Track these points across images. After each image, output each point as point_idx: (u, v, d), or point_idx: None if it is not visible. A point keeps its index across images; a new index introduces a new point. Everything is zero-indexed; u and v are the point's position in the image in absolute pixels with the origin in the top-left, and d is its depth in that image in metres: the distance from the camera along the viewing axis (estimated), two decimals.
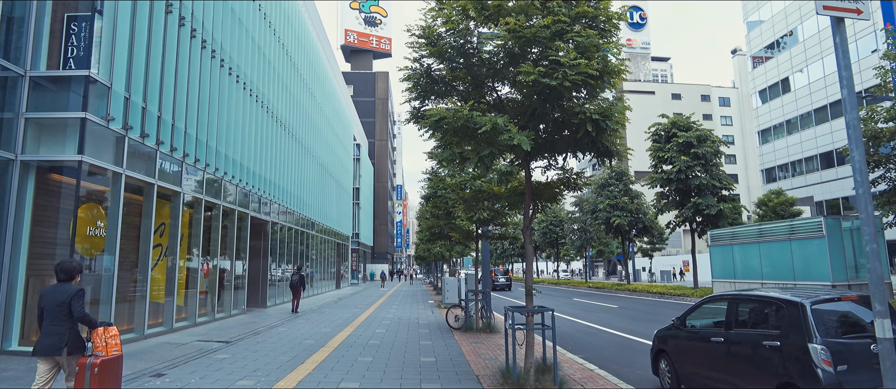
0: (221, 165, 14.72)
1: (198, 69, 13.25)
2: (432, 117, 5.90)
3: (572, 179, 7.98)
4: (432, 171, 13.71)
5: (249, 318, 15.55)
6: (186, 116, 12.65)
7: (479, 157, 5.92)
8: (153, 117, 11.11)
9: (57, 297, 4.85)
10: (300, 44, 24.59)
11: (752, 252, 19.06)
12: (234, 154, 15.72)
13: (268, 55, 19.08)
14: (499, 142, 5.74)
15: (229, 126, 15.32)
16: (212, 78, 14.12)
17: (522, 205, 8.50)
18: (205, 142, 13.57)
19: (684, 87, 78.36)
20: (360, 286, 43.93)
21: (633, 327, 13.71)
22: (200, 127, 13.37)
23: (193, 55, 12.99)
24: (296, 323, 14.61)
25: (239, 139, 16.07)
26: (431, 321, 15.03)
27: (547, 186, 7.86)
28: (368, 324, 14.10)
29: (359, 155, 49.79)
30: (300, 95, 24.52)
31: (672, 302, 22.39)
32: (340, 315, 17.16)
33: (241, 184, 16.29)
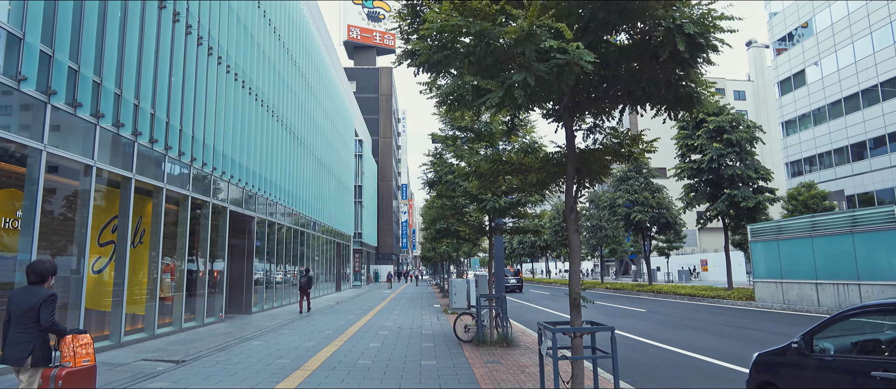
0: (189, 149, 12.57)
1: (138, 13, 11.11)
2: (432, 25, 3.67)
3: (625, 145, 5.75)
4: (436, 153, 11.46)
5: (226, 328, 13.38)
6: (139, 86, 10.50)
7: (506, 89, 3.70)
8: (88, 82, 8.95)
9: (26, 302, 4.47)
10: (290, 21, 22.45)
11: (803, 248, 16.68)
12: (209, 139, 13.57)
13: (251, 29, 16.93)
14: (538, 62, 3.53)
15: (202, 105, 13.17)
16: (174, 43, 11.98)
17: (552, 185, 6.26)
18: (163, 121, 11.41)
19: None
20: (363, 288, 41.76)
21: (678, 337, 11.41)
22: (159, 101, 11.22)
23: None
24: (278, 333, 12.42)
25: (216, 122, 13.92)
26: (437, 330, 12.80)
27: (594, 154, 5.63)
28: (362, 335, 11.88)
29: (361, 152, 47.66)
30: (293, 81, 22.38)
31: (707, 304, 20.04)
32: (332, 323, 14.97)
33: (215, 174, 14.13)
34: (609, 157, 5.80)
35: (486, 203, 9.40)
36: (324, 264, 30.36)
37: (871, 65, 36.19)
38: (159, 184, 11.40)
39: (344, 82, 43.25)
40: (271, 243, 19.98)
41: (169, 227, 12.31)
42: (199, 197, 13.27)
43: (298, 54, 23.49)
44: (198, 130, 13.00)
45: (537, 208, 19.08)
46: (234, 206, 15.62)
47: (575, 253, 5.02)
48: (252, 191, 17.25)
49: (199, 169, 13.24)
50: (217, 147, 14.15)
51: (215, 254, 14.76)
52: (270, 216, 19.53)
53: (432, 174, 11.30)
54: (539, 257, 57.71)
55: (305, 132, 24.88)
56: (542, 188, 6.25)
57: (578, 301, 4.86)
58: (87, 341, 4.82)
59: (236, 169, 15.55)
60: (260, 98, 17.76)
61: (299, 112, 23.63)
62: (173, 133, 11.82)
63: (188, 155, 12.50)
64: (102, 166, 9.45)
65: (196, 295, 13.55)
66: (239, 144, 15.75)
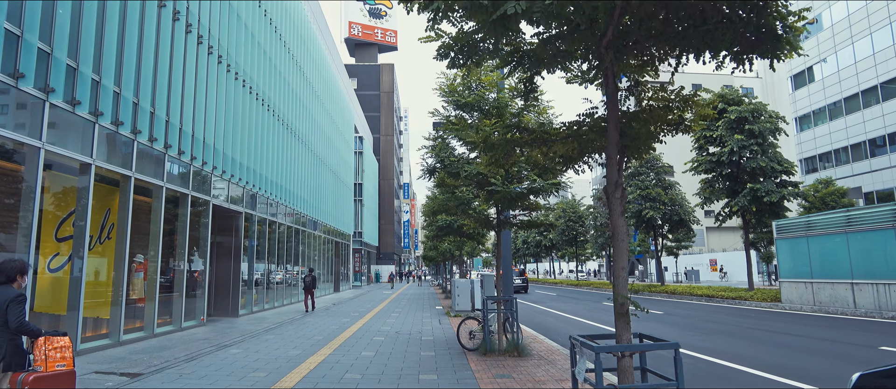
0: (163, 135, 11.34)
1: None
2: None
3: (675, 109, 4.51)
4: (437, 136, 10.15)
5: (205, 333, 12.14)
6: (100, 61, 9.26)
7: None
8: (32, 49, 7.72)
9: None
10: (286, 12, 21.22)
11: (837, 245, 15.35)
12: (188, 124, 12.35)
13: (237, 8, 15.70)
14: None
15: (180, 85, 11.94)
16: (146, 16, 10.75)
17: (584, 158, 5.00)
18: (130, 101, 10.17)
19: (705, 77, 74.12)
20: (364, 288, 40.52)
21: (711, 345, 10.11)
22: (126, 79, 9.98)
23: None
24: (262, 339, 11.18)
25: (195, 104, 12.70)
26: (438, 336, 11.53)
27: (639, 117, 4.37)
28: (355, 342, 10.63)
29: (361, 149, 46.44)
30: (287, 71, 21.15)
31: (728, 306, 18.71)
32: (325, 327, 13.73)
33: (196, 164, 12.90)
34: (656, 126, 4.53)
35: (495, 189, 8.12)
36: (322, 264, 29.14)
37: (891, 57, 34.77)
38: (126, 173, 10.16)
39: (344, 78, 42.04)
40: (263, 241, 18.75)
41: (141, 222, 11.08)
42: (176, 190, 12.03)
43: (291, 40, 22.27)
44: (174, 113, 11.77)
45: (550, 198, 17.88)
46: (218, 201, 14.38)
47: (621, 245, 3.76)
48: (239, 185, 16.02)
49: (177, 157, 12.01)
50: (198, 134, 12.91)
51: (196, 252, 13.53)
52: (261, 212, 18.29)
53: (432, 159, 9.98)
54: (544, 257, 56.40)
55: (301, 125, 23.66)
56: (568, 164, 4.97)
57: (627, 308, 3.59)
58: (62, 344, 4.54)
59: (220, 159, 14.32)
60: (249, 85, 16.52)
61: (294, 103, 22.41)
62: (143, 114, 10.58)
63: (162, 141, 11.27)
64: (54, 149, 8.21)
65: (173, 297, 12.31)
66: (224, 133, 14.52)
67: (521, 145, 4.63)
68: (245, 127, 16.18)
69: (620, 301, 3.62)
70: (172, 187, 11.83)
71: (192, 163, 12.70)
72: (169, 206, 12.04)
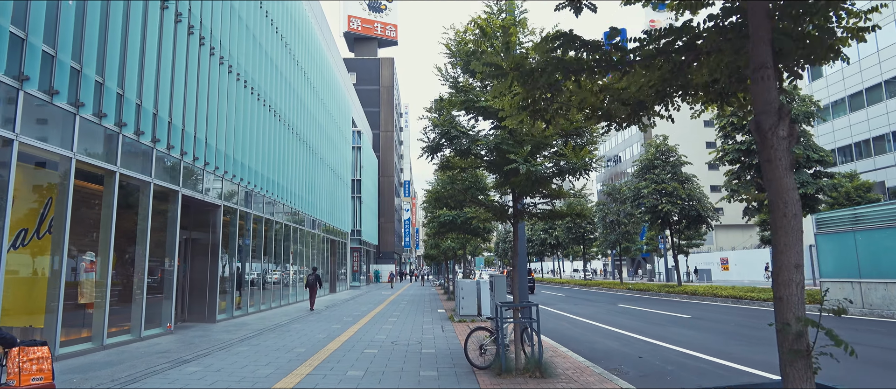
0: (115, 110, 9.60)
1: None
2: None
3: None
4: (438, 100, 8.34)
5: (169, 343, 10.41)
6: (27, 15, 7.53)
7: None
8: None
9: None
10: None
11: (891, 240, 13.58)
12: (149, 101, 10.63)
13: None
14: None
15: (137, 52, 10.21)
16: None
17: (666, 99, 3.25)
18: (77, 71, 8.44)
19: None
20: (362, 289, 38.80)
21: (762, 356, 8.36)
22: (61, 42, 8.24)
23: None
24: (233, 352, 9.45)
25: (160, 75, 10.97)
26: (441, 348, 9.80)
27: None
28: (342, 356, 8.90)
29: (360, 143, 44.70)
30: (276, 54, 19.43)
31: (758, 308, 16.95)
32: (311, 335, 12.02)
33: (160, 147, 11.17)
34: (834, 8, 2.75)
35: (516, 166, 6.39)
36: (318, 263, 27.45)
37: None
38: (67, 154, 8.43)
39: (342, 71, 40.32)
40: (247, 238, 17.03)
41: (89, 214, 9.35)
42: (133, 176, 10.30)
43: (283, 25, 20.54)
44: (131, 87, 10.03)
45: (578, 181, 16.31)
46: (189, 191, 12.65)
47: (788, 225, 2.01)
48: (219, 175, 14.30)
49: (135, 139, 10.28)
50: (163, 113, 11.19)
51: (160, 251, 11.80)
52: (245, 206, 16.57)
53: (435, 133, 8.16)
54: (548, 256, 54.67)
55: (293, 116, 21.95)
56: (637, 114, 3.23)
57: (806, 342, 1.83)
58: (40, 355, 4.32)
59: (192, 143, 12.60)
60: (227, 63, 14.80)
61: (286, 92, 20.69)
62: (88, 83, 8.84)
63: (113, 117, 9.54)
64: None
65: (133, 301, 10.59)
66: (198, 112, 12.79)
67: (575, 71, 2.90)
68: (226, 109, 14.46)
69: (794, 329, 1.89)
70: (128, 173, 10.10)
71: (155, 146, 10.97)
72: (128, 196, 10.31)
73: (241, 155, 15.92)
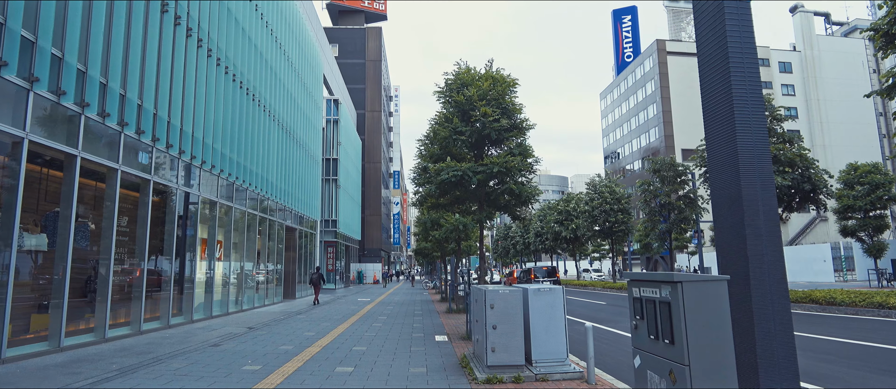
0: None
1: None
2: None
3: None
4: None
5: None
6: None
7: None
8: None
9: None
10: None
11: None
12: None
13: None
14: None
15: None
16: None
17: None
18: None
19: None
20: (338, 292, 30.86)
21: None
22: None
23: None
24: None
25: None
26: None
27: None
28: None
29: (337, 116, 36.82)
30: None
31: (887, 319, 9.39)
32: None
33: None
34: None
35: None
36: (264, 257, 19.57)
37: None
38: None
39: (313, 19, 32.39)
40: (99, 211, 9.18)
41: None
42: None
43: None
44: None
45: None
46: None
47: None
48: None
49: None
50: None
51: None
52: (126, 165, 8.71)
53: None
54: (561, 252, 47.05)
55: (234, 54, 14.13)
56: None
57: None
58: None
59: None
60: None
61: (224, 21, 12.84)
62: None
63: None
64: None
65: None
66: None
67: None
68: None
69: None
70: None
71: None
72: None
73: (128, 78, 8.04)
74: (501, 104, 10.78)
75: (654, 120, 63.45)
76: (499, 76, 11.29)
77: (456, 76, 11.46)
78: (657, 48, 62.66)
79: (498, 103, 10.75)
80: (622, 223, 31.57)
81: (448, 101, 11.48)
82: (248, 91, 17.01)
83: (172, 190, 12.38)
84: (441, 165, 10.57)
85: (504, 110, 10.76)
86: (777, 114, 18.35)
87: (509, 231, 60.44)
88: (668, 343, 3.38)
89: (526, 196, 10.99)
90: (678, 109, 61.45)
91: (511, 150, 10.77)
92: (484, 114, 10.52)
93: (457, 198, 12.46)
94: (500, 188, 11.14)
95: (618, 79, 74.18)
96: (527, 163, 10.80)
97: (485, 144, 11.56)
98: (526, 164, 10.81)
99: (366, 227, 54.03)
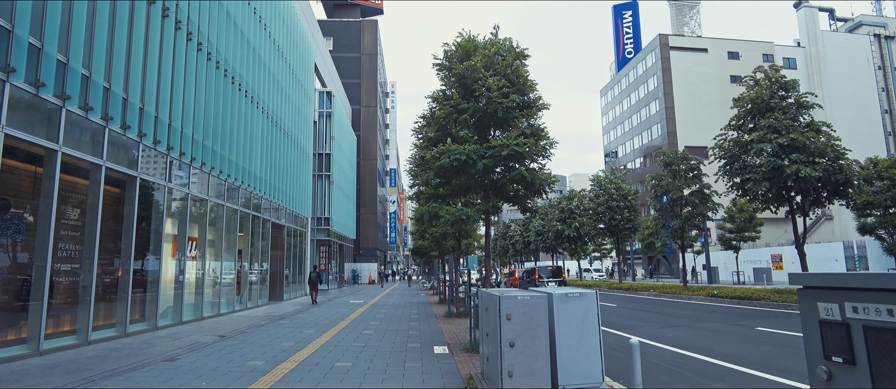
0: None
1: None
2: None
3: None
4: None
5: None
6: None
7: None
8: None
9: None
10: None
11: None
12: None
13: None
14: None
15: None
16: None
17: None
18: None
19: (743, 45, 63.71)
20: (331, 293, 29.27)
21: None
22: None
23: None
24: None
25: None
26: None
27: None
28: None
29: (330, 109, 35.22)
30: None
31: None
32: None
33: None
34: None
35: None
36: (249, 256, 18.00)
37: None
38: None
39: (306, 10, 30.78)
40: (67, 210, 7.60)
41: None
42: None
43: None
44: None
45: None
46: None
47: None
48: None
49: None
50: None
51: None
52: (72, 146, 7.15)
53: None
54: (562, 252, 45.56)
55: (209, 30, 12.55)
56: None
57: None
58: None
59: None
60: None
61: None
62: None
63: None
64: None
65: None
66: None
67: None
68: None
69: None
70: None
71: None
72: None
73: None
74: (510, 76, 9.23)
75: (656, 116, 62.03)
76: (506, 44, 9.75)
77: (458, 46, 9.92)
78: (660, 43, 61.21)
79: (506, 75, 9.20)
80: (629, 220, 30.07)
81: (448, 76, 9.94)
82: (227, 72, 15.43)
83: (133, 178, 10.80)
84: (441, 148, 9.02)
85: (513, 83, 9.21)
86: (803, 100, 16.87)
87: (508, 229, 58.89)
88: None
89: (539, 184, 9.45)
90: (681, 105, 59.99)
91: (523, 131, 9.22)
92: (490, 88, 8.96)
93: (458, 189, 10.90)
94: (508, 176, 9.58)
95: (619, 75, 72.72)
96: (541, 147, 9.25)
97: (490, 126, 10.01)
98: (540, 148, 9.25)
99: (361, 226, 52.45)
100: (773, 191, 16.17)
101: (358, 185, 51.78)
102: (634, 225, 30.60)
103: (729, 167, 17.67)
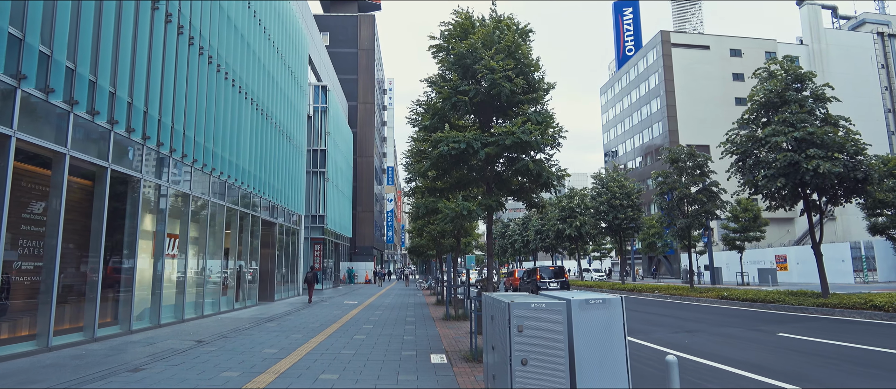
0: None
1: None
2: None
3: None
4: None
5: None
6: None
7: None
8: None
9: None
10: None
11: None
12: None
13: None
14: None
15: None
16: None
17: None
18: None
19: (745, 42, 62.91)
20: (326, 292, 28.38)
21: None
22: None
23: None
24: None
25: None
26: None
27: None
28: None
29: (325, 104, 34.31)
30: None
31: None
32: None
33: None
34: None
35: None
36: (236, 255, 17.11)
37: None
38: None
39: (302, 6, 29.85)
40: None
41: None
42: None
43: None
44: None
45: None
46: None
47: None
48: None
49: None
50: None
51: None
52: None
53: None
54: (561, 252, 44.74)
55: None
56: None
57: None
58: None
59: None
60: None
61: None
62: None
63: None
64: None
65: None
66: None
67: None
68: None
69: None
70: None
71: None
72: None
73: None
74: (514, 56, 8.37)
75: (657, 114, 61.22)
76: (508, 21, 8.89)
77: (455, 25, 9.05)
78: (661, 40, 60.37)
79: (510, 53, 8.33)
80: (632, 219, 29.24)
81: (446, 57, 9.07)
82: (211, 59, 14.53)
83: (104, 169, 9.91)
84: (439, 135, 8.15)
85: (517, 63, 8.35)
86: (819, 93, 16.05)
87: (507, 228, 58.05)
88: None
89: (547, 177, 8.57)
90: (683, 103, 59.19)
91: (529, 118, 8.35)
92: (493, 70, 8.10)
93: (458, 182, 10.03)
94: (513, 167, 8.71)
95: (619, 72, 71.89)
96: (549, 136, 8.39)
97: (492, 111, 9.14)
98: (547, 137, 8.39)
99: (357, 224, 51.55)
100: (788, 188, 15.33)
101: (354, 183, 50.89)
102: (638, 224, 29.76)
103: (741, 163, 16.82)
